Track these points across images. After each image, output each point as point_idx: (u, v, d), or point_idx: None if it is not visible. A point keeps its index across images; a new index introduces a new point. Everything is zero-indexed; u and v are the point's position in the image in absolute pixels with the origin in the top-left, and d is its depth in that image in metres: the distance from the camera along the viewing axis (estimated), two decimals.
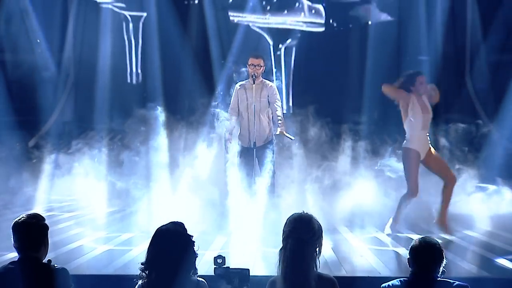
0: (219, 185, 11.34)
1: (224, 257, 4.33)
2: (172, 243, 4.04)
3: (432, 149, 10.16)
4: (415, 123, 9.95)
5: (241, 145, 10.61)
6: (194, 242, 4.11)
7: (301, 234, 4.26)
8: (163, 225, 4.14)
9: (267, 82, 10.75)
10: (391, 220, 10.13)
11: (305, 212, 4.42)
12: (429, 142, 10.15)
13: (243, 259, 8.38)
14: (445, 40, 18.15)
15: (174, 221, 4.17)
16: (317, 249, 4.34)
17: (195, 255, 4.11)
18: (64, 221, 11.45)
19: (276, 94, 10.65)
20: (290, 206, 10.57)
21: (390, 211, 10.39)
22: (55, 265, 4.52)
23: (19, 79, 17.29)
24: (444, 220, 10.07)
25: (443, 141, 13.79)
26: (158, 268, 4.03)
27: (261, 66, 10.52)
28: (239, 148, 10.66)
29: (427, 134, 10.08)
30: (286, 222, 4.38)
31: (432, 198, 11.28)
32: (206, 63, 18.09)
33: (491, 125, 16.74)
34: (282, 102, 11.46)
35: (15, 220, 4.66)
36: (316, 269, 4.30)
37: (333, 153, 13.46)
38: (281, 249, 4.30)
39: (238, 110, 10.66)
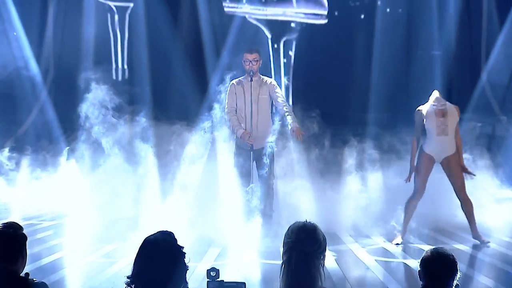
0: (212, 191, 11.33)
1: (218, 269, 4.32)
2: (160, 255, 4.03)
3: (455, 160, 10.15)
4: (430, 128, 10.07)
5: (238, 146, 10.59)
6: (185, 253, 4.10)
7: (306, 246, 4.22)
8: (151, 235, 4.12)
9: (266, 78, 10.74)
10: (399, 236, 10.15)
11: (308, 221, 4.39)
12: (454, 150, 10.18)
13: (238, 271, 8.38)
14: (459, 33, 18.16)
15: (163, 231, 4.15)
16: (322, 261, 4.33)
17: (185, 268, 4.09)
18: (44, 230, 11.44)
19: (278, 90, 10.64)
20: (289, 214, 10.58)
21: (398, 219, 10.39)
22: (34, 279, 4.50)
23: None
24: (477, 234, 10.12)
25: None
26: (145, 282, 4.01)
27: (257, 61, 10.51)
28: (235, 150, 10.65)
29: (451, 141, 10.14)
30: (287, 232, 4.34)
31: (443, 208, 11.33)
32: (198, 58, 18.08)
33: (510, 124, 16.74)
34: None
35: None
36: (322, 283, 4.29)
37: (337, 155, 13.46)
38: (283, 261, 4.28)
39: (236, 109, 10.62)
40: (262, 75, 10.81)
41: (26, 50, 18.04)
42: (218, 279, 4.29)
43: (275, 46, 19.04)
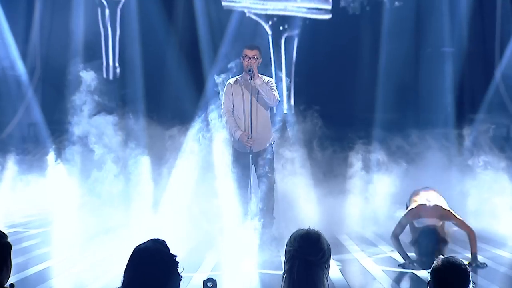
0: (209, 197, 11.32)
1: (215, 280, 4.31)
2: (152, 264, 4.01)
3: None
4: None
5: (236, 149, 10.57)
6: (178, 262, 4.08)
7: (309, 255, 4.22)
8: (142, 244, 4.11)
9: (264, 77, 10.70)
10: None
11: (311, 228, 4.38)
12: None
13: (237, 282, 8.36)
14: (472, 28, 18.12)
15: (154, 239, 4.14)
16: (326, 271, 4.31)
17: (179, 278, 4.08)
18: (30, 238, 11.42)
19: (274, 88, 10.59)
20: (291, 220, 10.57)
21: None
22: None
23: None
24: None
25: (469, 146, 13.78)
26: None
27: (256, 59, 10.49)
28: (233, 153, 10.63)
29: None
30: (290, 240, 4.33)
31: None
32: (194, 56, 18.06)
33: None
34: (282, 101, 11.42)
35: None
36: None
37: (341, 158, 13.45)
38: (285, 271, 4.27)
39: (233, 110, 10.59)
40: (261, 74, 10.76)
41: (12, 49, 17.99)
42: None
43: (276, 43, 19.02)
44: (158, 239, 4.15)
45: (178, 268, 4.07)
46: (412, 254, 9.44)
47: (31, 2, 18.63)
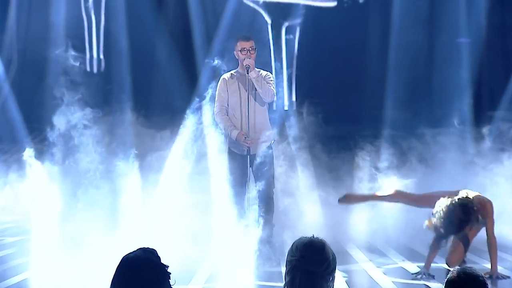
0: (203, 203, 11.33)
1: None
2: (141, 275, 4.03)
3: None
4: None
5: (232, 151, 10.57)
6: (170, 273, 4.10)
7: (312, 266, 4.23)
8: (130, 253, 4.12)
9: (262, 71, 10.69)
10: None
11: (315, 236, 4.39)
12: None
13: None
14: (490, 17, 18.12)
15: (144, 248, 4.15)
16: (331, 284, 4.33)
17: None
18: (6, 247, 11.44)
19: (272, 82, 10.57)
20: (293, 228, 10.58)
21: (419, 233, 10.38)
22: None
23: None
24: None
25: (487, 145, 13.79)
26: None
27: (255, 49, 10.51)
28: (229, 155, 10.63)
29: None
30: (291, 249, 4.35)
31: None
32: (186, 47, 18.07)
33: None
34: (282, 96, 11.41)
35: None
36: None
37: (347, 159, 13.46)
38: (286, 283, 4.29)
39: (228, 109, 10.58)
40: (259, 68, 10.75)
41: None
42: None
43: (276, 32, 19.02)
44: (148, 247, 4.16)
45: (169, 280, 4.09)
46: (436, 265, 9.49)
47: None
